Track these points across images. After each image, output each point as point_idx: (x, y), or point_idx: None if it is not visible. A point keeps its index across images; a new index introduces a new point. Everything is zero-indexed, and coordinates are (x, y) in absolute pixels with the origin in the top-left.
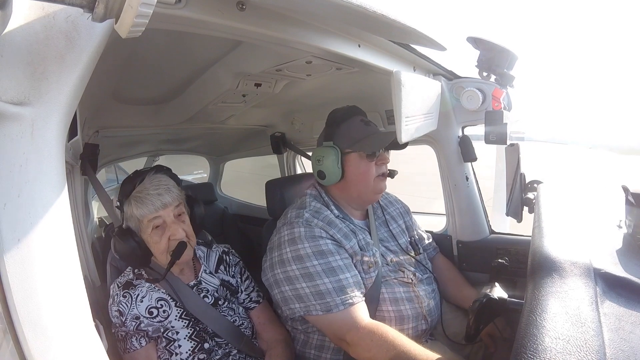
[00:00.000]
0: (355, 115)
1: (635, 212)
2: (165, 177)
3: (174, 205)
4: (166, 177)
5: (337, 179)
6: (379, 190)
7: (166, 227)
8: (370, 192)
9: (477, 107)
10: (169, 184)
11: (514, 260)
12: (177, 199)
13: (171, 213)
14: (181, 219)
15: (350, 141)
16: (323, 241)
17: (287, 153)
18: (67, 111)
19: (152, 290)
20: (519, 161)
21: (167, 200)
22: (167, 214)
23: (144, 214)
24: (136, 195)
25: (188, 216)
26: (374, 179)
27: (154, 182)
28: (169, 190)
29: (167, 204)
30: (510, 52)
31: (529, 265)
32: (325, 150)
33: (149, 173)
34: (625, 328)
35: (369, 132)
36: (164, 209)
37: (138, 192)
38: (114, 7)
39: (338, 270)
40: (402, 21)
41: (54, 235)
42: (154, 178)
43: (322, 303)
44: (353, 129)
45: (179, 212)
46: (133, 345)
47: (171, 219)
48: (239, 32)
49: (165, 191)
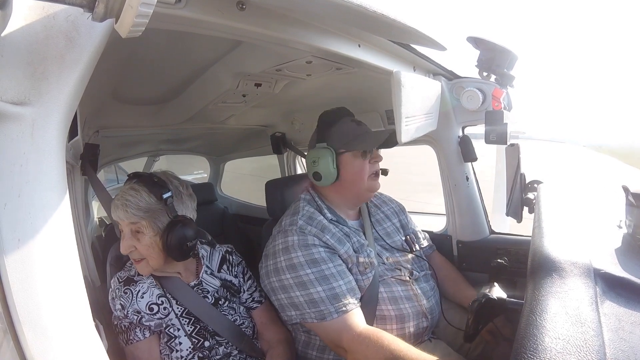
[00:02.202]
0: (346, 116)
1: (635, 212)
2: (136, 190)
3: (127, 221)
4: (136, 191)
5: (333, 180)
6: (373, 188)
7: (122, 237)
8: (365, 191)
9: (477, 107)
10: (130, 201)
11: (513, 260)
12: (133, 218)
13: (126, 227)
14: (137, 236)
15: (343, 141)
16: (316, 249)
17: (287, 153)
18: (67, 111)
19: (153, 286)
20: (519, 161)
21: (119, 215)
22: (124, 226)
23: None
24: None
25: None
26: (368, 177)
27: (122, 192)
28: (125, 207)
29: (120, 218)
30: (511, 52)
31: (529, 265)
32: (320, 151)
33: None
34: (625, 328)
35: (361, 132)
36: (120, 221)
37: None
38: (114, 6)
39: (331, 278)
40: (402, 21)
41: (54, 235)
42: (126, 188)
43: (316, 311)
44: (345, 129)
45: (136, 229)
46: (137, 336)
47: (127, 232)
48: (239, 32)
49: (122, 205)
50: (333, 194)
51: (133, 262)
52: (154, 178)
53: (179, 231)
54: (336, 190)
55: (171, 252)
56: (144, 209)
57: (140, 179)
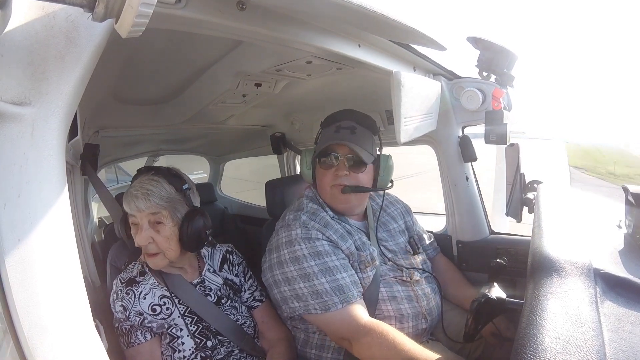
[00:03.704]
0: (340, 120)
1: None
2: (156, 181)
3: (147, 212)
4: (157, 182)
5: (309, 180)
6: (339, 200)
7: (138, 229)
8: (332, 200)
9: (477, 107)
10: (154, 189)
11: (513, 260)
12: (155, 208)
13: (145, 218)
14: (157, 227)
15: (317, 147)
16: (319, 242)
17: (287, 153)
18: (67, 111)
19: (155, 287)
20: (519, 161)
21: (140, 205)
22: (141, 218)
23: (126, 209)
24: (127, 191)
25: (175, 228)
26: (330, 187)
27: (141, 183)
28: (147, 197)
29: (140, 209)
30: (510, 52)
31: (529, 265)
32: (306, 151)
33: (148, 172)
34: (625, 328)
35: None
36: (139, 212)
37: (129, 187)
38: (114, 7)
39: (335, 270)
40: (402, 21)
41: (54, 236)
42: (145, 179)
43: (320, 302)
44: (325, 136)
45: (156, 220)
46: (138, 339)
47: (144, 223)
48: (239, 32)
49: (142, 195)
50: None
51: (146, 256)
52: (172, 171)
53: (199, 220)
54: None
55: (189, 242)
56: (166, 198)
57: (157, 170)
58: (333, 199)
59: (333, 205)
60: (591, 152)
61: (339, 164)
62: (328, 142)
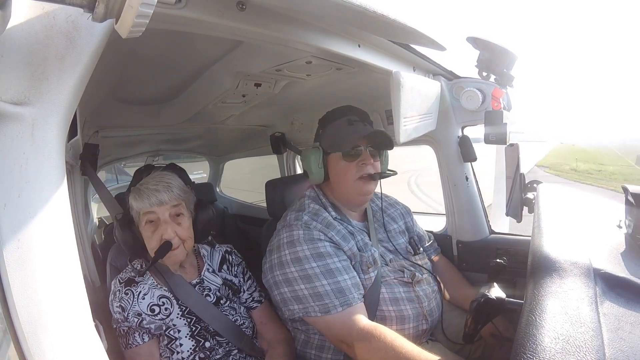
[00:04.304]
0: (345, 115)
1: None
2: (171, 174)
3: (170, 204)
4: (172, 175)
5: (320, 179)
6: (361, 191)
7: (159, 225)
8: (353, 194)
9: (477, 107)
10: (172, 182)
11: (513, 261)
12: (177, 199)
13: (166, 212)
14: (177, 220)
15: (330, 142)
16: (321, 243)
17: (287, 153)
18: (67, 111)
19: (154, 287)
20: (518, 161)
21: (163, 197)
22: (162, 212)
23: (140, 207)
24: (137, 188)
25: (190, 219)
26: (354, 181)
27: (156, 178)
28: (169, 189)
29: (162, 202)
30: (510, 52)
31: (529, 265)
32: (310, 150)
33: (154, 169)
34: (624, 328)
35: (349, 133)
36: (159, 206)
37: (140, 185)
38: (114, 7)
39: (336, 272)
40: (402, 21)
41: (54, 235)
42: (159, 174)
43: (321, 305)
44: (336, 130)
45: (177, 213)
46: (135, 341)
47: (165, 217)
48: (239, 32)
49: (164, 188)
50: (330, 193)
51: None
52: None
53: (209, 210)
54: (330, 190)
55: (203, 231)
56: (183, 190)
57: (166, 167)
58: (357, 192)
59: (352, 199)
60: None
61: (363, 155)
62: (354, 135)
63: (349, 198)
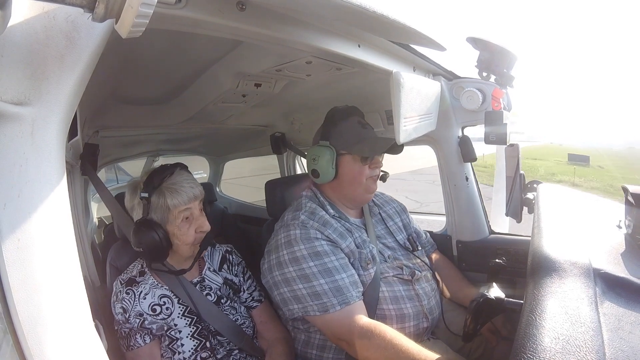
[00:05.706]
0: (353, 115)
1: (635, 212)
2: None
3: (199, 199)
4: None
5: (330, 179)
6: (370, 190)
7: (193, 220)
8: (363, 192)
9: (477, 107)
10: (196, 180)
11: (513, 261)
12: (202, 194)
13: (197, 206)
14: (202, 213)
15: (345, 143)
16: (318, 242)
17: (287, 153)
18: (67, 111)
19: (155, 287)
20: (518, 161)
21: (197, 192)
22: (195, 207)
23: (177, 204)
24: (169, 187)
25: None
26: (366, 179)
27: (184, 176)
28: (197, 185)
29: (197, 197)
30: (510, 52)
31: (529, 265)
32: (321, 149)
33: (176, 168)
34: (624, 328)
35: (365, 136)
36: (194, 201)
37: (172, 184)
38: (114, 7)
39: (334, 271)
40: (402, 21)
41: (54, 235)
42: (184, 173)
43: (319, 304)
44: (350, 131)
45: (201, 207)
46: (137, 342)
47: (197, 211)
48: (239, 32)
49: (196, 185)
50: (332, 192)
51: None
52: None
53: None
54: (334, 189)
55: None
56: None
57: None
58: (366, 190)
59: (359, 198)
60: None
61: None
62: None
63: (356, 197)
